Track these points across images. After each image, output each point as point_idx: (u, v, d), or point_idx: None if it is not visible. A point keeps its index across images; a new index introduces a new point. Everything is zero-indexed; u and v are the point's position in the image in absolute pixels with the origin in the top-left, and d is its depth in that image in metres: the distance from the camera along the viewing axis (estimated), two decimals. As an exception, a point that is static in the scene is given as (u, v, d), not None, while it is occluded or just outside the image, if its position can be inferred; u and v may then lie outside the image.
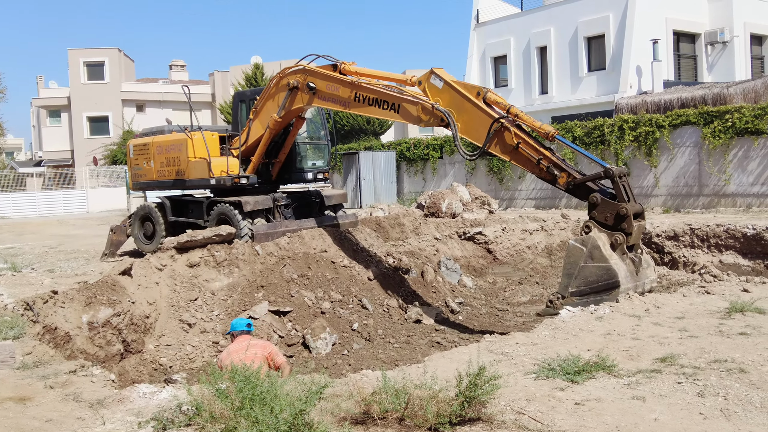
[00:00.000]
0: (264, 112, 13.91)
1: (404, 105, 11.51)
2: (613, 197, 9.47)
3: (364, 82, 12.12)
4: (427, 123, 11.30)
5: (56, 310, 9.69)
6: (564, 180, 9.97)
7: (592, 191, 9.73)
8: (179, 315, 11.46)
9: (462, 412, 4.32)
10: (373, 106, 11.96)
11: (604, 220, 9.41)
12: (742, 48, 29.08)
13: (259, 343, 7.66)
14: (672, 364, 5.64)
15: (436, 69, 11.29)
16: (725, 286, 9.64)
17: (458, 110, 10.87)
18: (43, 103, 53.52)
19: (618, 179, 9.43)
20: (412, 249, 15.10)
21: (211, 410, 4.23)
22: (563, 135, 22.97)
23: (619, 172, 9.53)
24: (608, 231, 9.32)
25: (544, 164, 10.13)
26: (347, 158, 29.90)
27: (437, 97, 11.08)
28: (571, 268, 9.40)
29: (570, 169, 10.02)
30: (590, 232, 9.39)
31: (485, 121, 10.52)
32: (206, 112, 53.78)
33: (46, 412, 4.96)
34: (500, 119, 10.36)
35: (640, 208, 9.58)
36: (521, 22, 32.08)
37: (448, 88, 10.99)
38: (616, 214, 9.26)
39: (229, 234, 13.33)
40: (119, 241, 17.67)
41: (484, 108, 10.59)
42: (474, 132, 10.78)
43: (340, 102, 12.52)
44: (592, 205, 9.62)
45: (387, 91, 11.77)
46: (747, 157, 18.90)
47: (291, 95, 13.15)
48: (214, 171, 14.57)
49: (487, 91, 10.74)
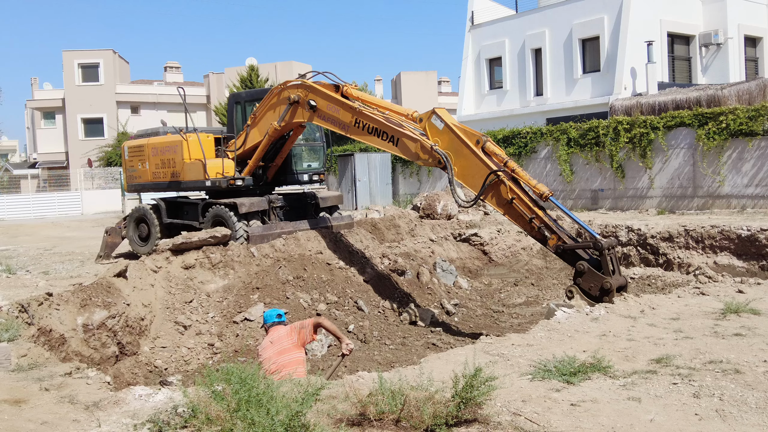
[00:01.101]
0: (264, 120, 13.92)
1: (404, 140, 11.44)
2: (600, 267, 9.45)
3: (367, 109, 12.03)
4: (425, 162, 11.24)
5: (51, 312, 9.67)
6: (554, 243, 9.98)
7: (580, 258, 9.73)
8: (174, 317, 11.44)
9: (458, 414, 4.33)
10: (372, 135, 11.87)
11: (588, 289, 9.41)
12: (737, 50, 29.17)
13: (284, 332, 7.59)
14: (667, 365, 5.65)
15: (437, 109, 11.25)
16: (720, 287, 9.66)
17: (456, 154, 10.82)
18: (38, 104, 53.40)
19: (606, 251, 9.44)
20: (408, 251, 15.11)
21: (207, 412, 4.22)
22: (558, 136, 23.13)
23: (608, 244, 9.55)
24: (590, 301, 9.25)
25: (536, 223, 10.11)
26: (343, 160, 29.88)
27: (436, 137, 11.03)
28: None
29: (561, 233, 10.01)
30: (572, 298, 9.40)
31: (482, 171, 10.50)
32: (201, 114, 53.72)
33: (42, 415, 4.94)
34: (497, 171, 10.31)
35: (624, 281, 9.57)
36: (516, 24, 32.12)
37: (448, 130, 10.93)
38: (600, 286, 9.25)
39: (225, 236, 13.32)
40: (114, 243, 17.64)
41: (482, 157, 10.53)
42: (470, 179, 10.74)
43: (339, 125, 12.45)
44: (578, 272, 9.61)
45: (388, 123, 11.68)
46: (741, 159, 18.95)
47: (291, 109, 13.13)
48: (209, 173, 14.56)
49: (486, 140, 10.66)
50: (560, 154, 23.16)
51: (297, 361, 7.30)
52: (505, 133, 25.22)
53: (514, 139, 24.80)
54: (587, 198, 22.77)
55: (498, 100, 33.03)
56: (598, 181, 22.46)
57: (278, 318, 7.93)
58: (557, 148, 23.34)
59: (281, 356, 7.24)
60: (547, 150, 23.88)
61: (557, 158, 23.33)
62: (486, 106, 33.62)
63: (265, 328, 8.00)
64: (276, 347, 7.37)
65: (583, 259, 9.67)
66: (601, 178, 22.35)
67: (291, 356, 7.30)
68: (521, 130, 24.75)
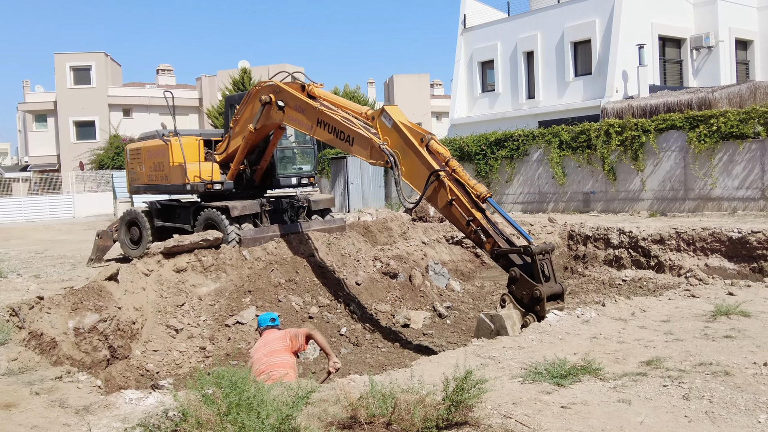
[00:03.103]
0: (243, 123, 13.82)
1: (357, 139, 11.06)
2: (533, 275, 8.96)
3: (327, 108, 11.73)
4: (376, 162, 10.81)
5: (42, 315, 9.64)
6: (489, 247, 9.54)
7: (513, 264, 9.22)
8: (166, 320, 11.42)
9: (449, 416, 4.33)
10: (331, 135, 11.53)
11: (521, 297, 8.94)
12: (727, 53, 29.31)
13: (277, 336, 7.70)
14: (658, 368, 5.67)
15: (387, 107, 10.81)
16: (710, 289, 9.68)
17: (403, 153, 10.39)
18: (30, 107, 53.24)
19: (537, 257, 8.91)
20: (400, 253, 15.12)
21: (198, 416, 4.22)
22: (550, 139, 23.18)
23: (539, 249, 9.01)
24: (522, 310, 8.86)
25: (474, 226, 9.65)
26: (335, 163, 29.90)
27: (386, 136, 10.62)
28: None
29: (497, 237, 9.54)
30: (505, 306, 8.99)
31: (425, 171, 10.05)
32: (193, 117, 53.67)
33: (32, 419, 4.92)
34: (438, 171, 9.86)
35: (559, 289, 9.02)
36: (508, 27, 32.21)
37: (396, 129, 10.50)
38: (531, 294, 8.78)
39: (217, 239, 13.31)
40: (106, 247, 17.61)
41: (425, 156, 10.08)
42: (415, 179, 10.28)
43: (304, 125, 12.16)
44: (511, 279, 9.13)
45: (344, 122, 11.31)
46: (732, 161, 19.03)
47: (264, 110, 12.92)
48: (189, 176, 14.58)
49: (430, 139, 10.16)
50: (552, 156, 23.21)
51: (287, 364, 7.31)
52: (497, 135, 25.26)
53: (506, 142, 24.84)
54: (579, 200, 22.83)
55: (490, 103, 33.10)
56: (589, 184, 22.52)
57: (272, 322, 7.99)
58: (549, 150, 23.39)
59: (271, 357, 7.27)
60: (539, 153, 23.93)
61: (549, 161, 23.38)
62: (478, 108, 33.68)
63: (259, 332, 8.06)
64: (267, 348, 7.41)
65: (516, 265, 9.19)
66: (592, 180, 22.41)
67: (281, 358, 7.32)
68: (513, 133, 24.79)
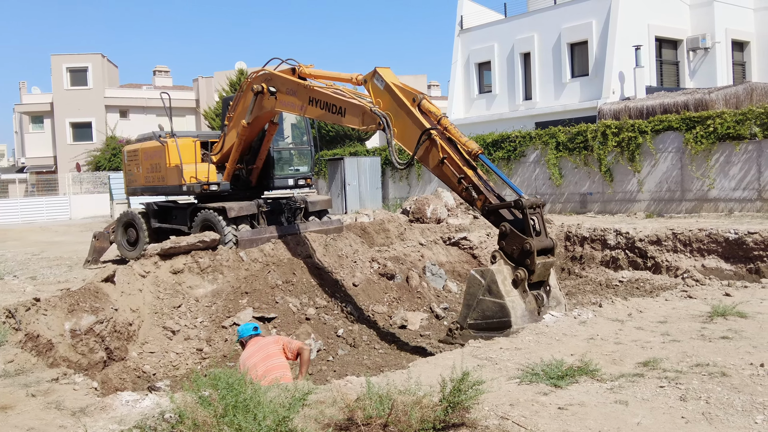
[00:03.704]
0: (237, 117, 13.78)
1: (348, 109, 10.98)
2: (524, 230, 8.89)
3: (317, 85, 11.69)
4: (368, 127, 10.72)
5: (38, 317, 9.62)
6: (480, 203, 9.46)
7: (504, 220, 9.14)
8: (163, 322, 11.40)
9: (446, 418, 4.32)
10: (324, 110, 11.44)
11: (511, 252, 8.88)
12: (724, 54, 29.37)
13: (270, 340, 7.71)
14: (654, 368, 5.67)
15: (380, 69, 10.66)
16: (707, 290, 9.69)
17: (395, 115, 10.29)
18: (26, 109, 53.16)
19: (528, 211, 8.84)
20: (397, 254, 15.11)
21: (194, 418, 4.21)
22: (547, 140, 23.20)
23: (530, 203, 8.92)
24: (513, 265, 8.83)
25: (465, 183, 9.55)
26: (332, 164, 29.89)
27: (378, 98, 10.54)
28: (470, 299, 8.99)
29: (488, 193, 9.44)
30: (495, 262, 8.95)
31: (416, 130, 9.96)
32: (190, 118, 53.62)
33: (28, 421, 4.91)
34: (430, 130, 9.78)
35: (549, 243, 8.99)
36: (505, 29, 32.25)
37: (388, 90, 10.40)
38: (521, 248, 8.74)
39: (213, 240, 13.29)
40: (102, 248, 17.58)
41: (417, 116, 9.99)
42: (407, 140, 10.18)
43: (297, 106, 12.08)
44: (501, 234, 9.07)
45: (334, 95, 11.27)
46: (729, 162, 19.07)
47: (257, 100, 12.87)
48: (185, 177, 14.58)
49: (422, 98, 10.09)
50: (549, 158, 23.24)
51: (283, 366, 7.31)
52: (494, 137, 25.29)
53: (503, 143, 24.87)
54: (576, 201, 22.85)
55: (487, 104, 33.13)
56: (586, 185, 22.54)
57: (255, 331, 7.97)
58: (546, 152, 23.43)
59: (267, 360, 7.26)
60: (536, 154, 23.96)
61: (546, 162, 23.42)
62: (475, 110, 33.71)
63: (241, 342, 7.96)
64: (263, 353, 7.39)
65: (506, 220, 9.10)
66: (589, 181, 22.43)
67: (277, 361, 7.32)
68: (510, 134, 24.83)
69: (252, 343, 7.72)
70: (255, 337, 7.84)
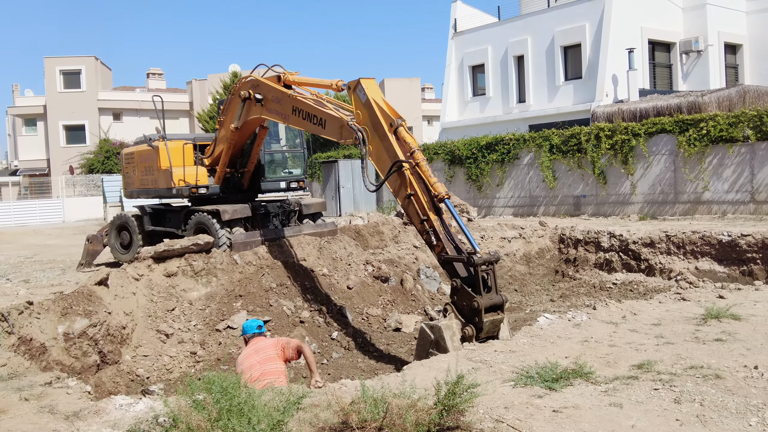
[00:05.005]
0: (227, 122, 13.75)
1: (328, 121, 10.80)
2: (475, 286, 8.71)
3: (301, 94, 11.59)
4: (345, 141, 10.52)
5: (32, 321, 9.59)
6: (438, 251, 9.37)
7: (456, 274, 8.98)
8: (156, 325, 11.37)
9: (441, 421, 4.33)
10: (306, 120, 11.28)
11: (462, 308, 8.75)
12: (717, 57, 29.48)
13: (270, 343, 7.69)
14: (649, 371, 5.68)
15: (363, 80, 10.32)
16: (701, 292, 9.73)
17: (372, 132, 10.02)
18: (19, 111, 52.93)
19: (480, 268, 8.65)
20: (392, 257, 15.11)
21: (188, 422, 4.20)
22: (541, 143, 23.24)
23: (482, 260, 8.69)
24: (463, 321, 8.68)
25: (426, 226, 9.41)
26: (326, 167, 29.88)
27: (359, 110, 10.24)
28: (420, 350, 8.89)
29: (446, 243, 9.29)
30: (446, 316, 8.85)
31: (390, 157, 9.75)
32: (184, 121, 53.51)
33: (21, 425, 4.89)
34: (402, 163, 9.53)
35: (499, 300, 8.75)
36: (498, 32, 32.30)
37: (368, 106, 10.08)
38: (470, 306, 8.59)
39: (207, 243, 13.26)
40: (96, 251, 17.52)
41: (391, 143, 9.70)
42: (380, 162, 9.97)
43: (281, 115, 11.98)
44: (453, 289, 8.94)
45: (315, 106, 11.11)
46: (722, 165, 19.14)
47: (246, 106, 12.84)
48: (174, 180, 14.59)
49: (400, 124, 9.76)
50: (543, 160, 23.28)
51: (280, 371, 7.31)
52: (488, 139, 25.32)
53: (497, 146, 24.90)
54: (570, 204, 22.89)
55: (481, 107, 33.17)
56: (580, 188, 22.59)
57: (258, 329, 7.95)
58: (540, 154, 23.46)
59: (265, 364, 7.25)
60: (529, 156, 24.00)
61: (540, 165, 23.46)
62: (469, 112, 33.74)
63: (244, 339, 8.00)
64: (261, 355, 7.38)
65: (459, 275, 8.95)
66: (583, 184, 22.48)
67: (275, 365, 7.31)
68: (504, 137, 24.86)
69: (253, 342, 7.72)
70: (257, 336, 7.82)
